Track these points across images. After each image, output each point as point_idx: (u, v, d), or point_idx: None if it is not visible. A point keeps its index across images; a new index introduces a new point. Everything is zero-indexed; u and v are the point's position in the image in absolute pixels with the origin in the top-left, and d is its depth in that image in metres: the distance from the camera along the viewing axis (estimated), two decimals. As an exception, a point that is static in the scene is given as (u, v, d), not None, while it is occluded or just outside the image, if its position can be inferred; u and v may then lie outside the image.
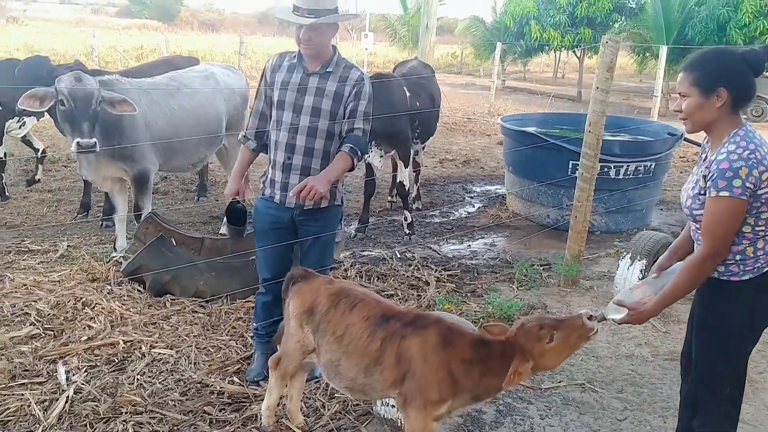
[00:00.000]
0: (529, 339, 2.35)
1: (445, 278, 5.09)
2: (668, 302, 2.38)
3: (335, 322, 2.62)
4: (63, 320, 3.97)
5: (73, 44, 24.37)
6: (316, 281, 2.81)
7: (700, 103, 2.28)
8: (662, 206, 7.80)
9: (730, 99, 2.25)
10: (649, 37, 18.88)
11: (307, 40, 3.12)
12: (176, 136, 5.14)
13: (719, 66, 2.28)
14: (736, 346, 2.40)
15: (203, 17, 53.85)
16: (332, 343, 2.61)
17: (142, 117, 4.88)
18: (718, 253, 2.27)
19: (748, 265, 2.30)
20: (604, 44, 4.65)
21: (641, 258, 4.78)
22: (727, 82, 2.24)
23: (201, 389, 3.36)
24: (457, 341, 2.45)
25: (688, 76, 2.31)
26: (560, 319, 2.41)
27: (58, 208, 6.54)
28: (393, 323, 2.52)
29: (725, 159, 2.19)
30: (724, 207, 2.20)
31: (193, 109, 5.38)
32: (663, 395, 3.59)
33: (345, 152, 3.13)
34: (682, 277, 2.34)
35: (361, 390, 2.62)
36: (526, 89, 23.12)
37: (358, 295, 2.69)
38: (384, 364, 2.49)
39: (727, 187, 2.17)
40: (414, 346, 2.44)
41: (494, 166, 9.75)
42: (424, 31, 13.34)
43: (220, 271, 4.42)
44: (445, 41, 37.60)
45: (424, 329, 2.47)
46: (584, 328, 2.34)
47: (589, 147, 4.85)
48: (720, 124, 2.29)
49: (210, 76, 5.75)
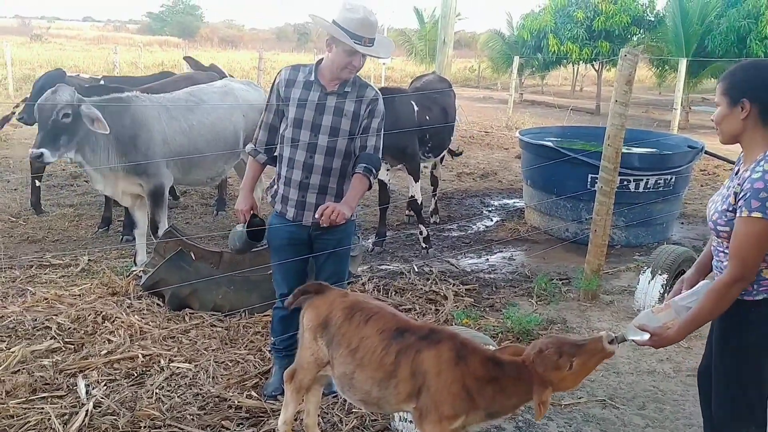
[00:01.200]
0: (547, 367, 2.29)
1: (463, 292, 5.06)
2: (693, 328, 2.26)
3: (350, 334, 2.62)
4: (83, 334, 4.00)
5: (95, 60, 24.80)
6: (331, 294, 2.81)
7: (726, 113, 2.25)
8: (683, 220, 7.71)
9: (757, 112, 2.19)
10: (667, 49, 18.78)
11: (358, 67, 3.14)
12: (194, 150, 5.21)
13: (748, 77, 2.23)
14: (753, 366, 2.34)
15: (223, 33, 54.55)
16: (346, 356, 2.61)
17: (160, 133, 4.95)
18: (746, 278, 2.17)
19: (762, 285, 2.25)
20: (623, 57, 4.64)
21: (662, 272, 4.73)
22: (752, 94, 2.19)
23: (219, 403, 3.36)
24: (471, 357, 2.43)
25: (721, 85, 2.27)
26: (579, 344, 2.31)
27: (80, 222, 6.62)
28: (408, 337, 2.51)
29: (760, 179, 2.11)
30: (757, 229, 2.11)
31: (212, 125, 5.45)
32: (685, 412, 3.53)
33: (360, 173, 3.12)
34: (708, 302, 2.22)
35: (376, 403, 2.60)
36: (544, 102, 23.07)
37: (372, 308, 2.68)
38: (398, 378, 2.47)
39: (760, 209, 2.09)
40: (428, 360, 2.43)
41: (512, 179, 9.72)
42: (441, 45, 13.36)
43: (238, 285, 4.44)
44: (463, 55, 37.69)
45: (439, 343, 2.46)
46: (604, 352, 2.27)
47: (608, 160, 4.82)
48: (751, 138, 2.23)
49: (229, 92, 5.81)
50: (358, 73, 3.29)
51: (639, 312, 4.77)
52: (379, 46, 3.15)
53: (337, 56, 3.10)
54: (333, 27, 3.06)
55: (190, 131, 5.22)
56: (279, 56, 33.36)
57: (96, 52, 29.03)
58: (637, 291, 4.87)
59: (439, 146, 6.71)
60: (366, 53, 3.09)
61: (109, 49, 22.94)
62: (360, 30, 3.03)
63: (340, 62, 3.10)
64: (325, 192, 3.24)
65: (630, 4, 20.06)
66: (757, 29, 16.35)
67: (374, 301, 2.82)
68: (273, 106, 3.33)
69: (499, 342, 4.09)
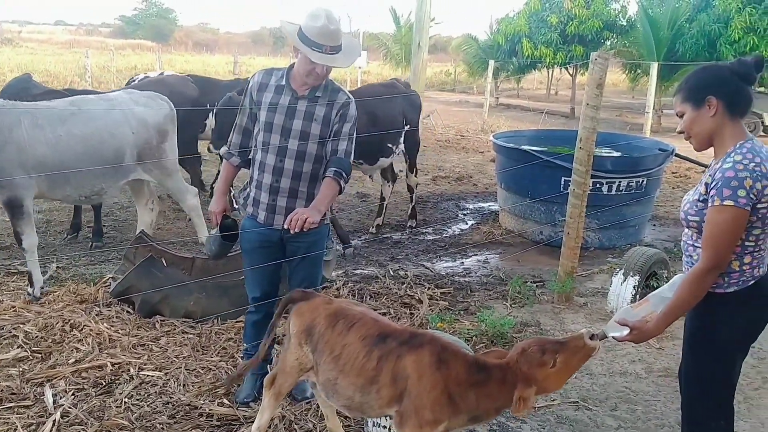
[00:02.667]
0: (531, 365, 2.31)
1: (438, 296, 5.06)
2: (671, 319, 2.30)
3: (333, 342, 2.61)
4: (51, 342, 3.92)
5: (67, 65, 24.47)
6: (315, 301, 2.80)
7: (694, 116, 2.31)
8: (655, 222, 7.80)
9: (723, 106, 2.26)
10: (639, 54, 19.05)
11: (324, 74, 3.12)
12: (61, 163, 4.69)
13: (705, 77, 2.32)
14: (721, 358, 2.38)
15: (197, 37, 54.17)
16: (329, 363, 2.60)
17: (14, 141, 4.49)
18: (720, 266, 2.22)
19: (733, 278, 2.29)
20: (593, 61, 4.68)
21: (634, 274, 4.77)
22: (715, 90, 2.26)
23: (190, 412, 3.31)
24: (453, 361, 2.42)
25: (680, 96, 2.35)
26: (561, 342, 2.35)
27: (48, 229, 6.51)
28: (389, 342, 2.50)
29: (731, 168, 2.17)
30: (729, 217, 2.15)
31: (85, 138, 4.84)
32: (657, 412, 3.56)
33: (330, 177, 3.10)
34: (683, 292, 2.27)
35: (359, 408, 2.59)
36: (519, 106, 23.25)
37: (356, 314, 2.67)
38: (380, 383, 2.46)
39: (732, 197, 2.14)
40: (409, 365, 2.42)
41: (487, 183, 9.75)
42: (416, 50, 13.41)
43: (210, 291, 4.39)
44: (439, 59, 37.89)
45: (420, 348, 2.45)
46: (586, 348, 2.30)
47: (581, 163, 4.85)
48: (722, 134, 2.28)
49: (120, 104, 5.20)
50: (332, 77, 3.28)
51: (613, 313, 4.82)
52: (343, 54, 3.12)
53: (301, 63, 3.10)
54: (293, 35, 3.06)
55: (56, 143, 4.68)
56: (255, 60, 33.22)
57: (68, 56, 28.65)
58: (610, 292, 4.91)
59: (369, 155, 6.38)
60: (322, 62, 3.04)
61: (81, 53, 22.65)
62: (320, 38, 3.01)
63: (304, 69, 3.10)
64: (295, 196, 3.22)
65: (602, 9, 20.33)
66: (727, 33, 16.64)
67: (358, 307, 2.81)
68: (246, 110, 3.31)
69: (474, 345, 4.10)
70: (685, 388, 2.52)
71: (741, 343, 2.39)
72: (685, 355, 2.51)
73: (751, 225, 2.22)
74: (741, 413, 3.42)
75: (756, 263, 2.30)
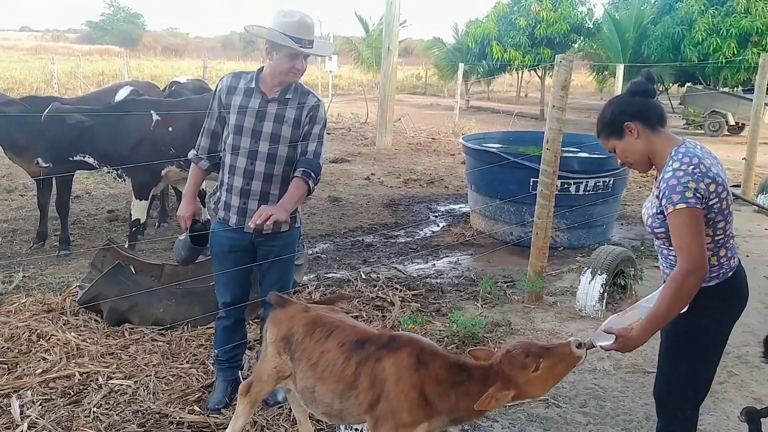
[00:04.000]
0: (513, 366, 2.29)
1: (410, 298, 5.08)
2: (654, 326, 2.28)
3: (310, 350, 2.59)
4: (17, 353, 3.85)
5: (33, 71, 24.05)
6: (292, 309, 2.77)
7: (623, 146, 2.42)
8: (622, 221, 7.92)
9: (641, 126, 2.37)
10: (606, 56, 19.35)
11: (302, 70, 3.14)
12: None
13: (613, 110, 2.44)
14: (701, 352, 2.45)
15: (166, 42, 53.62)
16: (306, 371, 2.59)
17: None
18: (698, 266, 2.21)
19: (713, 272, 2.37)
20: (558, 63, 4.74)
21: (601, 272, 4.85)
22: (627, 117, 2.38)
23: (160, 420, 3.28)
24: (432, 362, 2.40)
25: (601, 137, 2.49)
26: (547, 347, 2.33)
27: (14, 237, 6.39)
28: (368, 347, 2.48)
29: (672, 176, 2.25)
30: (686, 217, 2.21)
31: None
32: (625, 408, 3.61)
33: (298, 177, 3.09)
34: (664, 298, 2.26)
35: (338, 415, 2.57)
36: (489, 109, 23.43)
37: (334, 322, 2.65)
38: (359, 388, 2.45)
39: (682, 200, 2.21)
40: (387, 368, 2.40)
41: (458, 185, 9.82)
42: (386, 53, 13.51)
43: (180, 298, 4.35)
44: (410, 62, 38.04)
45: (398, 350, 2.43)
46: (572, 356, 2.28)
47: (548, 164, 4.92)
48: (654, 149, 2.38)
49: None
50: (303, 81, 3.29)
51: (581, 311, 4.89)
52: (319, 47, 3.17)
53: (279, 62, 3.09)
54: (273, 32, 3.04)
55: None
56: (225, 65, 32.99)
57: (34, 63, 28.16)
58: (579, 291, 4.97)
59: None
60: (308, 53, 3.09)
61: (47, 60, 22.27)
62: (298, 32, 3.03)
63: (283, 67, 3.09)
64: (266, 199, 3.21)
65: (569, 12, 20.62)
66: (690, 35, 17.00)
67: (335, 314, 2.79)
68: (214, 113, 3.29)
69: (445, 346, 4.12)
70: (660, 373, 2.57)
71: (724, 335, 2.46)
72: (666, 349, 2.55)
73: (713, 221, 2.29)
74: (707, 407, 3.50)
75: (731, 254, 2.39)
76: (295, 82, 3.19)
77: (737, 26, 16.27)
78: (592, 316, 4.84)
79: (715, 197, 2.25)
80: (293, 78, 3.15)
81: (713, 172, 2.25)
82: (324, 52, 3.31)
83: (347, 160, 11.58)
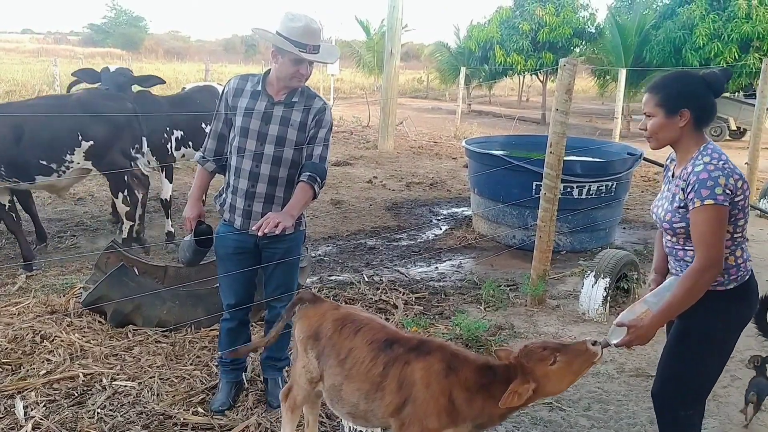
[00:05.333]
0: (531, 360, 2.32)
1: (413, 301, 5.09)
2: (666, 316, 2.36)
3: (339, 345, 2.59)
4: (21, 354, 3.86)
5: (35, 73, 24.08)
6: (323, 306, 2.78)
7: (664, 123, 2.40)
8: (624, 225, 7.92)
9: (692, 118, 2.36)
10: (608, 60, 19.37)
11: (307, 75, 3.15)
12: None
13: (682, 88, 2.40)
14: (712, 355, 2.46)
15: (168, 45, 53.71)
16: (335, 367, 2.58)
17: None
18: (714, 263, 2.27)
19: (731, 274, 2.38)
20: (562, 67, 4.75)
21: (604, 276, 4.85)
22: (689, 103, 2.36)
23: (164, 421, 3.28)
24: (462, 368, 2.40)
25: (653, 98, 2.42)
26: (564, 343, 2.39)
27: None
28: (397, 348, 2.47)
29: (703, 170, 2.28)
30: (712, 214, 2.24)
31: None
32: (629, 411, 3.61)
33: (304, 182, 3.09)
34: (679, 291, 2.32)
35: (363, 416, 2.56)
36: (491, 113, 23.45)
37: (363, 319, 2.66)
38: (386, 390, 2.43)
39: (710, 196, 2.24)
40: (417, 372, 2.39)
41: (460, 188, 9.83)
42: (389, 57, 13.53)
43: (183, 300, 4.35)
44: (411, 66, 38.09)
45: (428, 355, 2.42)
46: (588, 353, 2.31)
47: (551, 168, 4.92)
48: (686, 142, 2.40)
49: None
50: (307, 84, 3.30)
51: (584, 315, 4.89)
52: (325, 53, 3.16)
53: (284, 66, 3.09)
54: (277, 37, 3.05)
55: None
56: (226, 68, 33.06)
57: (36, 65, 28.18)
58: (582, 295, 4.98)
59: (14, 169, 5.26)
60: (312, 59, 3.09)
61: (49, 62, 22.31)
62: (303, 38, 3.03)
63: (287, 72, 3.10)
64: (271, 201, 3.22)
65: (572, 16, 20.67)
66: (692, 40, 17.00)
67: (365, 313, 2.80)
68: (221, 115, 3.30)
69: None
70: (663, 370, 2.58)
71: (734, 338, 2.47)
72: (670, 340, 2.56)
73: (735, 218, 2.33)
74: (710, 411, 3.49)
75: (746, 255, 2.41)
76: (300, 87, 3.20)
77: (738, 31, 16.27)
78: (595, 319, 4.85)
79: (741, 194, 2.29)
80: (297, 83, 3.15)
81: (739, 169, 2.29)
82: (328, 59, 3.26)
83: (349, 163, 11.60)
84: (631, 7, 20.02)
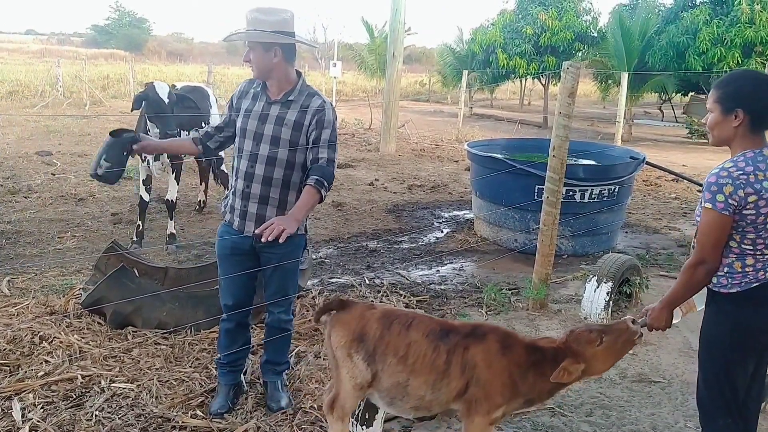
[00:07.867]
0: (580, 342, 2.51)
1: (414, 304, 5.06)
2: (669, 302, 2.53)
3: (394, 343, 2.61)
4: (19, 355, 3.83)
5: (38, 74, 24.11)
6: (357, 308, 2.76)
7: (720, 120, 2.41)
8: (627, 229, 7.89)
9: (748, 121, 2.35)
10: (610, 64, 19.36)
11: (246, 60, 3.14)
12: None
13: (742, 88, 2.38)
14: (720, 356, 2.44)
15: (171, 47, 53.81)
16: (396, 365, 2.59)
17: None
18: (705, 261, 2.38)
19: (735, 278, 2.38)
20: (565, 70, 4.73)
21: (607, 280, 4.82)
22: (744, 104, 2.35)
23: (162, 424, 3.25)
24: (515, 346, 2.58)
25: (714, 93, 2.44)
26: (606, 325, 2.60)
27: (18, 239, 6.37)
28: (453, 336, 2.59)
29: (715, 174, 2.32)
30: (709, 218, 2.33)
31: None
32: (631, 417, 3.58)
33: (311, 185, 3.04)
34: (678, 281, 2.48)
35: (427, 407, 2.65)
36: (493, 116, 23.44)
37: (407, 314, 2.74)
38: (451, 376, 2.55)
39: (710, 200, 2.30)
40: (478, 355, 2.55)
41: (462, 191, 9.81)
42: (391, 60, 13.52)
43: (183, 302, 4.33)
44: (414, 70, 38.09)
45: (485, 338, 2.59)
46: (630, 331, 2.50)
47: (554, 171, 4.90)
48: (739, 142, 2.39)
49: None
50: (311, 83, 3.29)
51: (587, 319, 4.86)
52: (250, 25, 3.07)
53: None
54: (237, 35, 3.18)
55: None
56: (229, 70, 33.09)
57: (39, 66, 28.23)
58: (584, 299, 4.94)
59: None
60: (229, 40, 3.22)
61: (53, 63, 22.36)
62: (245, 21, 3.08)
63: None
64: (266, 202, 3.18)
65: (574, 20, 20.68)
66: (695, 44, 16.98)
67: (401, 308, 2.84)
68: (226, 114, 3.36)
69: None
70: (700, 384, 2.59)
71: (744, 345, 2.40)
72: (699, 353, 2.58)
73: (743, 229, 2.32)
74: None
75: (760, 266, 2.37)
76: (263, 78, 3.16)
77: (741, 36, 16.25)
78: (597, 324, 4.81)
79: (753, 209, 2.28)
80: (253, 72, 3.16)
81: (762, 186, 2.26)
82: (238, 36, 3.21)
83: (351, 165, 11.58)
84: (634, 11, 20.02)
